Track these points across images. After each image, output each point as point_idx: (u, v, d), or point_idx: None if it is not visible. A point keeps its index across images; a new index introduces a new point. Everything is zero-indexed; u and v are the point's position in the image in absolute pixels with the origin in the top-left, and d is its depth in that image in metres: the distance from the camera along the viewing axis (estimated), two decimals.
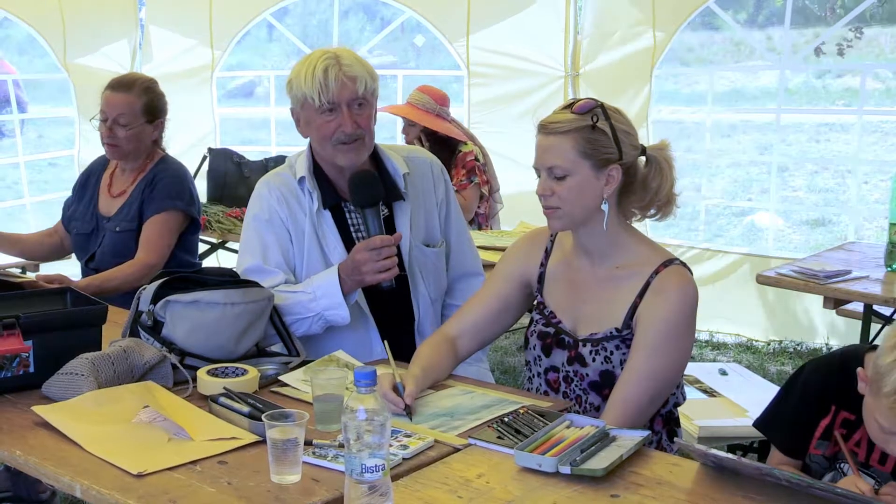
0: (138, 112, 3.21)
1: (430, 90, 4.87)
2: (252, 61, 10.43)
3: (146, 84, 3.29)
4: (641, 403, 2.04)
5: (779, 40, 6.59)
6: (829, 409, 1.85)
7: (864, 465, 1.78)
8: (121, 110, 3.19)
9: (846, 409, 1.82)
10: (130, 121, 3.20)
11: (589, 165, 2.06)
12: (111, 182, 3.34)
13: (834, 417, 1.83)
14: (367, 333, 2.53)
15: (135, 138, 3.22)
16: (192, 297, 2.19)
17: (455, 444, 1.84)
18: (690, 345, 2.14)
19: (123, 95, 3.21)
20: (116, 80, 3.28)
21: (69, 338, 2.13)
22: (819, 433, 1.85)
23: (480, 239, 3.93)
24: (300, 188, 2.54)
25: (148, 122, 3.24)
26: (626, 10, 5.78)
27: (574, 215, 2.11)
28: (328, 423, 1.89)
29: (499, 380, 4.36)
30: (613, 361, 2.12)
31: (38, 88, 9.64)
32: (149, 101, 3.24)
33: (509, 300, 2.32)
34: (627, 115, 2.15)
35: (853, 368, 1.74)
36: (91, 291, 2.56)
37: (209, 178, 5.03)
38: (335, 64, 2.41)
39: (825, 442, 1.85)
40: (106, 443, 1.79)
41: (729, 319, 5.62)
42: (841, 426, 1.82)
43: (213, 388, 2.04)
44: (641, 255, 2.14)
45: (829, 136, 10.80)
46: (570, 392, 2.19)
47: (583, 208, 2.10)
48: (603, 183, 2.08)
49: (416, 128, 4.80)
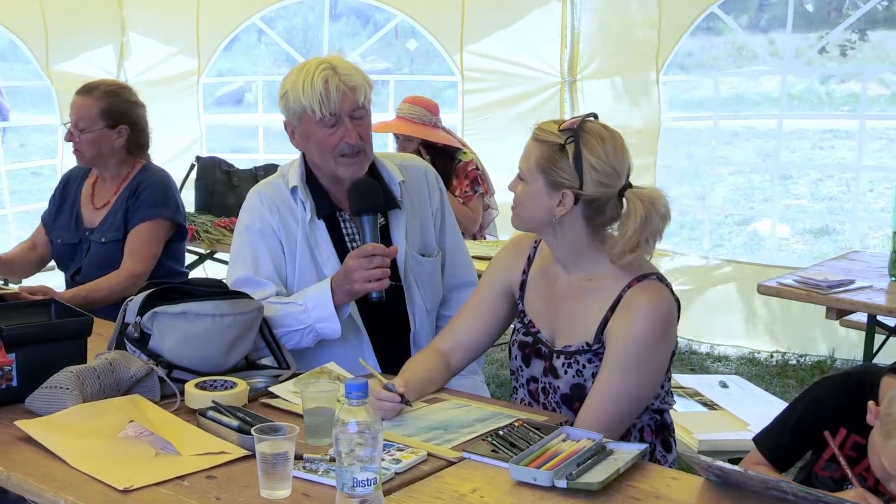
0: (95, 116, 3.21)
1: (420, 100, 4.83)
2: (240, 67, 10.46)
3: (109, 88, 3.29)
4: (611, 422, 2.05)
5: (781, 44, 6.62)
6: (837, 430, 1.85)
7: (874, 490, 1.78)
8: (79, 114, 3.22)
9: (857, 433, 1.83)
10: (88, 125, 3.21)
11: (543, 181, 2.10)
12: (94, 193, 3.34)
13: (844, 440, 1.84)
14: (359, 346, 2.54)
15: (94, 143, 3.22)
16: (180, 309, 2.20)
17: (449, 458, 1.85)
18: (664, 359, 2.14)
19: (83, 99, 3.23)
20: (84, 84, 3.30)
21: (53, 350, 2.14)
22: (828, 455, 1.86)
23: (475, 249, 3.95)
24: (293, 198, 2.55)
25: (109, 126, 3.23)
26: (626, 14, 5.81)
27: (525, 220, 2.17)
28: (319, 436, 1.90)
29: (494, 393, 4.36)
30: (585, 375, 2.14)
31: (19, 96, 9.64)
32: (108, 106, 3.23)
33: (497, 310, 2.35)
34: (620, 150, 2.09)
35: (868, 393, 1.76)
36: (76, 303, 2.56)
37: (197, 188, 5.03)
38: (334, 74, 2.42)
39: (833, 465, 1.85)
40: (91, 458, 1.80)
41: (730, 330, 5.64)
42: (851, 449, 1.82)
43: (202, 401, 2.05)
44: (615, 268, 2.13)
45: (834, 143, 10.84)
46: (547, 403, 2.22)
47: (534, 218, 2.15)
48: (555, 203, 2.10)
49: (413, 142, 4.74)
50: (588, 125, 2.10)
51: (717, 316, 5.59)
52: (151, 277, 3.10)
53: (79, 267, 3.27)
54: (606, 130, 2.11)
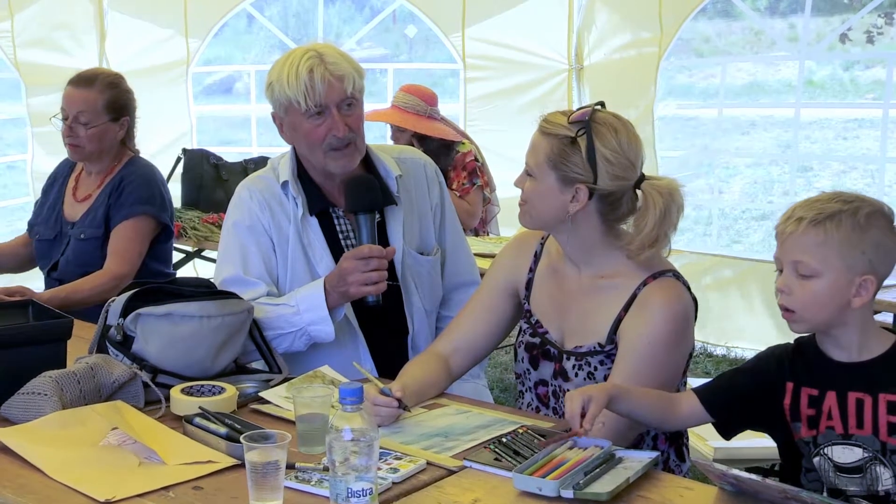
0: (100, 109, 3.21)
1: (416, 89, 4.83)
2: (230, 55, 10.46)
3: (109, 79, 3.30)
4: (620, 429, 2.03)
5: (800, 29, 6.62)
6: (784, 388, 1.89)
7: (846, 435, 1.83)
8: (81, 107, 3.20)
9: (808, 385, 1.87)
10: (92, 118, 3.20)
11: (554, 177, 2.09)
12: (76, 185, 3.35)
13: (795, 396, 1.88)
14: (355, 349, 2.54)
15: (97, 138, 3.22)
16: (165, 310, 2.20)
17: (449, 467, 1.85)
18: (680, 361, 2.14)
19: (84, 91, 3.22)
20: (78, 75, 3.29)
21: (31, 354, 2.14)
22: (789, 416, 1.89)
23: (478, 246, 3.95)
24: (284, 193, 2.55)
25: (112, 119, 3.24)
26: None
27: (536, 218, 2.17)
28: (312, 444, 1.90)
29: (498, 398, 4.36)
30: (597, 377, 2.14)
31: None
32: (112, 98, 3.24)
33: (500, 311, 2.34)
34: (634, 140, 2.10)
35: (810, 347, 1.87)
36: (55, 304, 2.57)
37: (184, 182, 5.04)
38: (319, 63, 2.41)
39: (798, 424, 1.88)
40: (71, 468, 1.80)
41: (747, 333, 5.63)
42: (808, 406, 1.86)
43: (188, 407, 2.05)
44: (629, 265, 2.13)
45: (858, 133, 10.82)
46: (558, 408, 2.21)
47: (546, 215, 2.14)
48: (568, 199, 2.10)
49: (406, 133, 4.75)
50: (599, 115, 2.09)
51: (735, 316, 5.58)
52: (136, 279, 3.09)
53: (55, 263, 3.27)
54: (618, 120, 2.11)
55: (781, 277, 1.84)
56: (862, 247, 1.77)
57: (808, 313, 1.82)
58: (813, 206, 1.81)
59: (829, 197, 1.83)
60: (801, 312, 1.82)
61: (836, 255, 1.78)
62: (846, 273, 1.78)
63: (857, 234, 1.77)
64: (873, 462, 1.80)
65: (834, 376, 1.84)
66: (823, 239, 1.77)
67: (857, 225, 1.77)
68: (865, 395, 1.81)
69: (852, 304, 1.79)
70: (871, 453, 1.80)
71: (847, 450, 1.82)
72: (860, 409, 1.81)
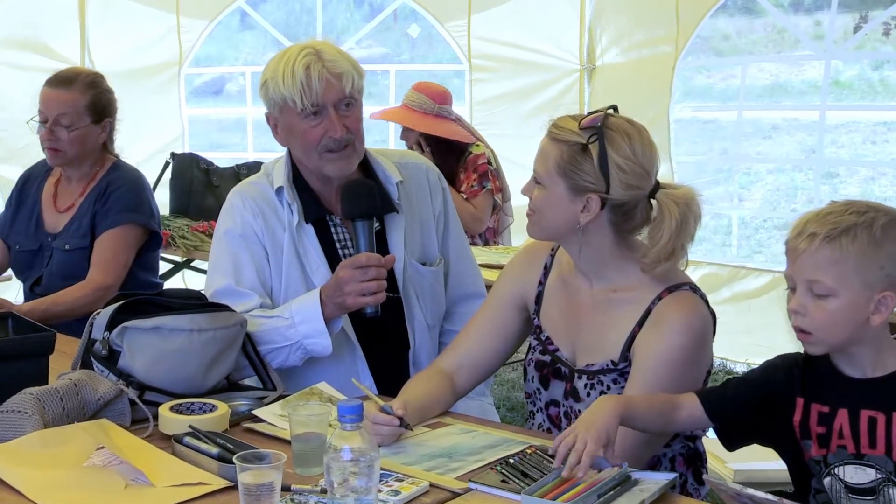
0: (82, 110, 3.22)
1: (426, 87, 4.84)
2: (223, 55, 10.47)
3: (90, 79, 3.30)
4: (635, 449, 2.02)
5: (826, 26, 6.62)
6: (794, 403, 1.89)
7: (858, 455, 1.83)
8: (62, 109, 3.20)
9: (818, 402, 1.87)
10: (74, 121, 3.20)
11: (564, 185, 2.09)
12: (56, 194, 3.35)
13: (805, 412, 1.87)
14: (353, 364, 2.54)
15: (79, 141, 3.23)
16: (153, 323, 2.20)
17: (453, 489, 1.85)
18: (698, 379, 2.13)
19: (64, 92, 3.22)
20: (55, 75, 3.29)
21: (11, 370, 2.14)
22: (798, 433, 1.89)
23: (484, 256, 3.94)
24: (278, 200, 2.56)
25: (94, 122, 3.25)
26: None
27: (545, 228, 2.16)
28: (309, 465, 1.90)
29: (504, 417, 4.36)
30: None
31: None
32: (94, 98, 3.25)
33: (508, 326, 2.34)
34: (649, 147, 2.10)
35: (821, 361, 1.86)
36: (36, 317, 2.58)
37: (172, 188, 5.04)
38: (317, 60, 2.42)
39: (808, 442, 1.89)
40: (53, 490, 1.80)
41: (768, 348, 5.59)
42: (819, 423, 1.86)
43: (178, 426, 2.05)
44: (644, 278, 2.13)
45: (888, 137, 10.79)
46: None
47: (555, 225, 2.14)
48: (578, 208, 2.09)
49: (413, 132, 4.75)
50: (612, 121, 2.09)
51: (755, 332, 5.57)
52: (122, 290, 3.10)
53: (39, 276, 3.27)
54: (632, 126, 2.11)
55: (795, 298, 1.84)
56: (880, 262, 1.77)
57: (826, 334, 1.82)
58: (826, 219, 1.81)
59: (842, 209, 1.82)
60: (817, 334, 1.82)
61: (853, 272, 1.77)
62: (864, 291, 1.78)
63: (873, 248, 1.77)
64: (886, 483, 1.80)
65: (846, 393, 1.85)
66: (840, 256, 1.77)
67: (874, 239, 1.77)
68: (879, 414, 1.81)
69: (871, 321, 1.79)
70: (885, 474, 1.80)
71: (859, 470, 1.82)
72: (873, 427, 1.81)
